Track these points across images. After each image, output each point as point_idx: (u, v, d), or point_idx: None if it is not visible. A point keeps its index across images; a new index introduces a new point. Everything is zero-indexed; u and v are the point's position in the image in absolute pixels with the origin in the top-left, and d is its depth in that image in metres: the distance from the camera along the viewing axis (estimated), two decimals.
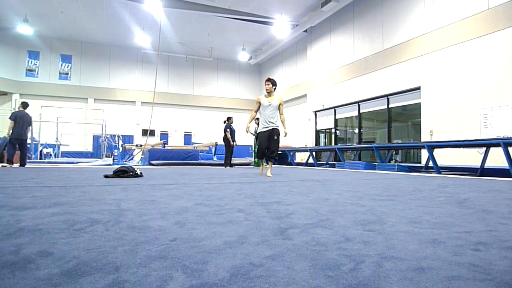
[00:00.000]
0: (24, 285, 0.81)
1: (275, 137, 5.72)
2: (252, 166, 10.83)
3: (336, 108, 15.56)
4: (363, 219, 1.74)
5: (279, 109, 5.74)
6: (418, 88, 11.07)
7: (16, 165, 8.42)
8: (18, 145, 8.29)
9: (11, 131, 8.16)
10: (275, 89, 5.73)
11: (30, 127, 8.95)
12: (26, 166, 8.37)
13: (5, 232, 1.34)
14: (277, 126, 5.79)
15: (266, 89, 5.71)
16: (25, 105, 8.54)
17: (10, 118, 8.25)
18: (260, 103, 5.75)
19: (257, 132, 6.01)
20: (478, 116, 9.07)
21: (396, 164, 9.16)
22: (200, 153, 13.34)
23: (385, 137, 12.87)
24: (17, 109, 8.60)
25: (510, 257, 1.09)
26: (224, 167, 10.01)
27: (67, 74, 20.41)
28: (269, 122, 5.70)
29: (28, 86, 19.45)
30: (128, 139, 20.91)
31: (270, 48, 20.41)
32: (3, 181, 3.89)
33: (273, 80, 5.74)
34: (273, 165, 6.83)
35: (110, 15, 16.71)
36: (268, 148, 5.73)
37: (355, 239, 1.30)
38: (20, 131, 8.24)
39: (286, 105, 20.20)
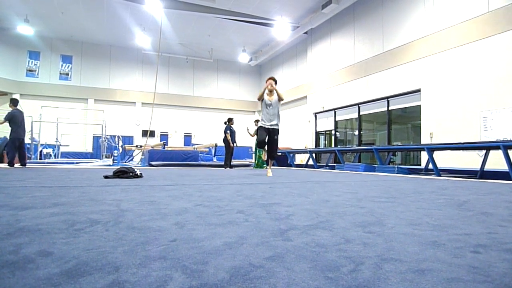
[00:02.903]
0: (24, 284, 0.81)
1: (275, 137, 5.90)
2: (253, 168, 10.83)
3: (336, 110, 15.57)
4: (363, 220, 1.74)
5: (278, 100, 5.89)
6: (418, 91, 11.08)
7: (17, 165, 8.39)
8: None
9: (12, 132, 8.07)
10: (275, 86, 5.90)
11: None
12: (25, 166, 8.35)
13: (4, 232, 1.34)
14: (278, 127, 5.94)
15: (269, 89, 5.80)
16: (16, 102, 8.25)
17: (5, 118, 7.97)
18: (263, 96, 5.90)
19: (257, 126, 6.21)
20: (478, 119, 9.08)
21: (396, 166, 9.16)
22: (200, 154, 13.34)
23: (385, 139, 12.87)
24: (9, 109, 8.25)
25: (510, 259, 1.09)
26: (224, 168, 10.01)
27: (67, 74, 20.43)
28: (270, 120, 5.88)
29: (29, 87, 19.46)
30: (128, 139, 20.92)
31: (270, 50, 20.43)
32: (3, 181, 3.88)
33: (275, 79, 5.91)
34: (272, 167, 6.92)
35: (110, 16, 16.74)
36: (268, 145, 5.94)
37: (354, 240, 1.31)
38: (21, 130, 8.15)
39: (286, 107, 20.25)
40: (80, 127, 20.10)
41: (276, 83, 5.86)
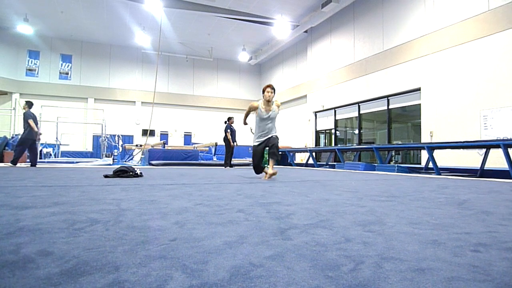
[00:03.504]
0: (24, 284, 0.81)
1: (274, 143, 4.92)
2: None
3: (336, 109, 15.56)
4: (363, 219, 1.74)
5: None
6: (418, 89, 11.07)
7: (25, 165, 8.45)
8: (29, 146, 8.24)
9: (27, 132, 8.07)
10: (273, 96, 4.96)
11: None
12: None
13: (5, 231, 1.34)
14: (276, 134, 5.07)
15: (266, 98, 4.85)
16: (31, 104, 8.43)
17: (29, 118, 8.09)
18: (255, 111, 4.96)
19: (253, 144, 5.11)
20: (478, 117, 9.07)
21: (396, 165, 9.17)
22: (200, 153, 13.34)
23: (385, 138, 12.87)
24: (23, 110, 8.39)
25: (510, 258, 1.09)
26: (224, 167, 10.01)
27: (67, 73, 20.41)
28: (265, 135, 4.98)
29: (28, 86, 19.45)
30: (128, 139, 20.91)
31: (270, 49, 20.41)
32: (3, 180, 3.89)
33: (274, 87, 4.99)
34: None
35: (110, 15, 16.72)
36: (269, 153, 4.93)
37: (355, 239, 1.30)
38: (33, 131, 8.24)
39: (286, 106, 20.23)
40: (80, 127, 20.09)
41: (274, 92, 4.93)
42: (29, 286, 0.80)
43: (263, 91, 4.91)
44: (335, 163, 11.88)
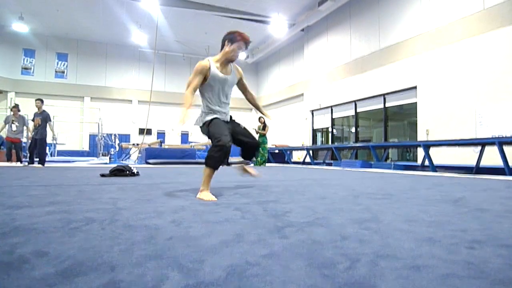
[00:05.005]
0: (19, 285, 0.80)
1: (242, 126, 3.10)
2: (253, 165, 10.81)
3: (333, 107, 15.58)
4: (359, 217, 1.74)
5: (238, 86, 3.17)
6: (414, 87, 11.11)
7: (22, 164, 8.48)
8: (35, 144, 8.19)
9: (45, 131, 8.05)
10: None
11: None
12: (21, 165, 8.38)
13: None
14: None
15: (231, 54, 2.99)
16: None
17: (49, 121, 8.16)
18: (207, 72, 2.82)
19: (205, 120, 2.87)
20: (473, 115, 9.12)
21: (392, 162, 9.20)
22: (197, 152, 13.31)
23: (382, 136, 12.91)
24: (40, 108, 8.28)
25: (504, 255, 1.09)
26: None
27: (63, 72, 20.28)
28: (222, 109, 2.89)
29: (24, 85, 19.31)
30: (125, 138, 20.83)
31: (267, 47, 20.38)
32: None
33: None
34: (269, 164, 6.71)
35: (106, 13, 16.62)
36: (245, 136, 2.98)
37: (351, 237, 1.31)
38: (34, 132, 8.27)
39: (283, 104, 20.24)
40: (77, 126, 19.99)
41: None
42: (24, 287, 0.79)
43: (232, 41, 3.02)
44: (332, 161, 11.90)
